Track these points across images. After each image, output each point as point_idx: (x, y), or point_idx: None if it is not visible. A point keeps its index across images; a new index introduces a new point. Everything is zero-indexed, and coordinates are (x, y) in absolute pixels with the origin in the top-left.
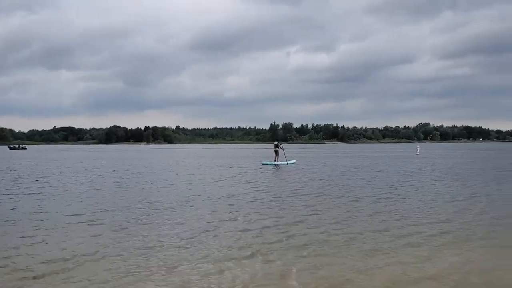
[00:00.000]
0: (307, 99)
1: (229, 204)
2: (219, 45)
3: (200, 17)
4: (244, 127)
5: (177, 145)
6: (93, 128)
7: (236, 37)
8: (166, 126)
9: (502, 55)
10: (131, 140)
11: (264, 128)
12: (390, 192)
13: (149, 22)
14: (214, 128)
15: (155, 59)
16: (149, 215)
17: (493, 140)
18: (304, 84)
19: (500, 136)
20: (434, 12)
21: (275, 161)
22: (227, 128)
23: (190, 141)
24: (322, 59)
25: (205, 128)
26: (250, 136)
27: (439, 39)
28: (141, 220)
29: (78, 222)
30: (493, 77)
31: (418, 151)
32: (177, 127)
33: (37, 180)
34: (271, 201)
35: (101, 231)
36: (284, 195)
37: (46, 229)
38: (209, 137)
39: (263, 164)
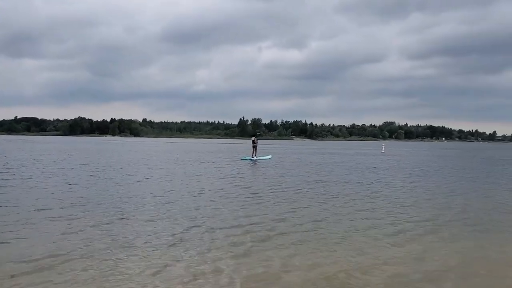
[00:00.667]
0: (277, 95)
1: (211, 200)
2: (190, 37)
3: (170, 8)
4: (213, 121)
5: (143, 138)
6: (57, 119)
7: (207, 30)
8: (132, 119)
9: (466, 57)
10: (96, 132)
11: (233, 123)
12: (367, 189)
13: (117, 12)
14: (182, 122)
15: (122, 50)
16: (127, 210)
17: (455, 140)
18: (274, 80)
19: (462, 135)
20: (403, 13)
21: (252, 156)
22: (195, 122)
23: (157, 135)
24: (294, 56)
25: (173, 122)
26: (219, 131)
27: (407, 40)
28: (120, 216)
29: (53, 218)
30: (456, 78)
31: (383, 149)
32: (144, 120)
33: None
34: (253, 197)
35: (79, 227)
36: (265, 191)
37: (18, 226)
38: (176, 131)
39: (241, 159)
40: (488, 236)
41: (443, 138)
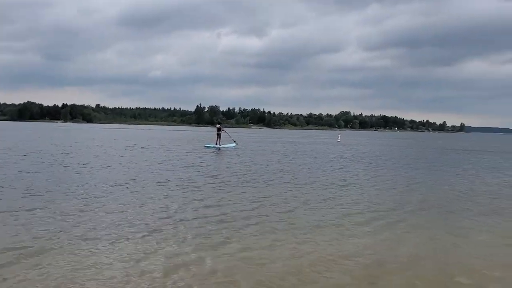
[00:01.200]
0: (236, 82)
1: (179, 189)
2: (148, 22)
3: None
4: (169, 108)
5: (97, 124)
6: (5, 104)
7: (166, 15)
8: (85, 104)
9: (420, 49)
10: (47, 118)
11: (190, 110)
12: (332, 178)
13: None
14: (137, 108)
15: (77, 33)
16: (91, 200)
17: (407, 130)
18: (233, 67)
19: (414, 126)
20: (362, 4)
21: (217, 144)
22: (150, 109)
23: (111, 121)
24: (253, 43)
25: (127, 108)
26: (175, 118)
27: (364, 31)
28: (83, 206)
29: (11, 209)
30: (409, 70)
31: (339, 138)
32: (97, 105)
33: None
34: (221, 186)
35: (38, 220)
36: (233, 180)
37: None
38: (131, 117)
39: (205, 146)
40: (453, 222)
41: (396, 128)
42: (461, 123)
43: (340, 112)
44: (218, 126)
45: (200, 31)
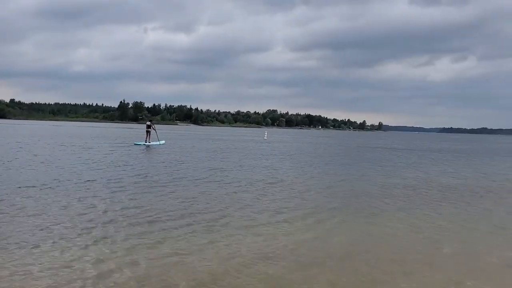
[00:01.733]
0: (162, 78)
1: (108, 189)
2: (70, 14)
3: None
4: (91, 104)
5: (11, 120)
6: None
7: (89, 7)
8: None
9: (343, 51)
10: None
11: (113, 106)
12: (263, 176)
13: None
14: (56, 104)
15: None
16: (8, 204)
17: (330, 128)
18: (160, 63)
19: (336, 124)
20: (289, 5)
21: (146, 142)
22: (70, 104)
23: (27, 117)
24: (181, 39)
25: (45, 103)
26: (97, 114)
27: (291, 32)
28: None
29: None
30: (333, 71)
31: (266, 136)
32: (12, 100)
33: None
34: (153, 185)
35: None
36: (164, 179)
37: None
38: (49, 113)
39: (135, 144)
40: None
41: (320, 126)
42: (380, 122)
43: (267, 110)
44: (148, 123)
45: (126, 25)
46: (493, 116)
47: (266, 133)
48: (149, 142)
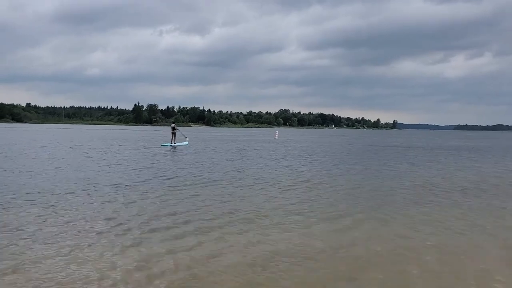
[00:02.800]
0: (176, 80)
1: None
2: (86, 18)
3: None
4: (105, 107)
5: (27, 124)
6: None
7: (105, 11)
8: (15, 103)
9: (357, 49)
10: None
11: (127, 109)
12: (293, 178)
13: None
14: (71, 107)
15: (6, 28)
16: (46, 207)
17: (343, 127)
18: (174, 65)
19: (350, 123)
20: (304, 5)
21: (172, 143)
22: (85, 108)
23: (43, 121)
24: (196, 41)
25: (61, 107)
26: (112, 117)
27: (305, 31)
28: (40, 213)
29: None
30: (346, 69)
31: (277, 135)
32: (28, 104)
33: None
34: (186, 185)
35: None
36: (195, 180)
37: None
38: (65, 117)
39: (161, 145)
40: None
41: (333, 126)
42: (394, 120)
43: (279, 110)
44: (172, 125)
45: (141, 28)
46: (509, 112)
47: (277, 133)
48: (174, 143)
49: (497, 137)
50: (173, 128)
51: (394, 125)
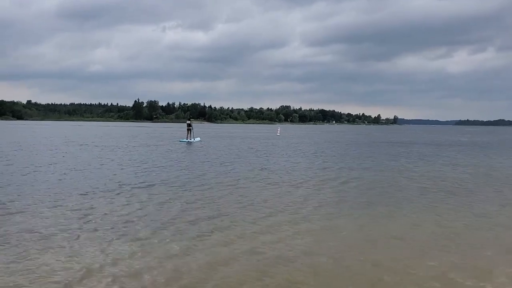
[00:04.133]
0: (179, 77)
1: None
2: (89, 15)
3: None
4: (105, 103)
5: (28, 121)
6: None
7: (108, 7)
8: (15, 101)
9: (360, 45)
10: None
11: (127, 106)
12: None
13: None
14: (71, 104)
15: (11, 25)
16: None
17: (344, 123)
18: (177, 62)
19: (350, 119)
20: (308, 1)
21: (187, 139)
22: (86, 104)
23: (43, 118)
24: (199, 37)
25: (61, 104)
26: (112, 114)
27: (309, 27)
28: (85, 210)
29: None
30: (349, 65)
31: (279, 132)
32: (29, 101)
33: None
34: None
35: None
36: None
37: None
38: (65, 114)
39: (180, 141)
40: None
41: (334, 122)
42: (395, 116)
43: (280, 106)
44: (188, 122)
45: (144, 25)
46: (510, 108)
47: (279, 129)
48: (190, 139)
49: (502, 133)
50: (189, 125)
51: (395, 120)
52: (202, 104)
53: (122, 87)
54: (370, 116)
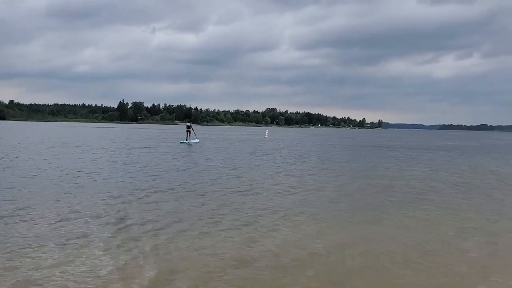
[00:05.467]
0: (167, 78)
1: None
2: (79, 14)
3: None
4: (89, 104)
5: (11, 122)
6: None
7: (98, 7)
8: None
9: (349, 49)
10: None
11: (112, 106)
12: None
13: None
14: (55, 104)
15: None
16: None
17: (329, 126)
18: (166, 63)
19: (336, 122)
20: (300, 4)
21: (187, 140)
22: (69, 105)
23: (26, 118)
24: (189, 39)
25: (44, 104)
26: (96, 115)
27: (299, 30)
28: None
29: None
30: (337, 69)
31: (267, 134)
32: (11, 101)
33: None
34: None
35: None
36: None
37: None
38: (48, 114)
39: (180, 142)
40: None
41: (319, 125)
42: (379, 119)
43: (267, 109)
44: (188, 124)
45: (135, 25)
46: (493, 112)
47: (267, 132)
48: (189, 141)
49: (486, 137)
50: (188, 127)
51: (380, 124)
52: (188, 106)
53: (109, 88)
54: (355, 120)
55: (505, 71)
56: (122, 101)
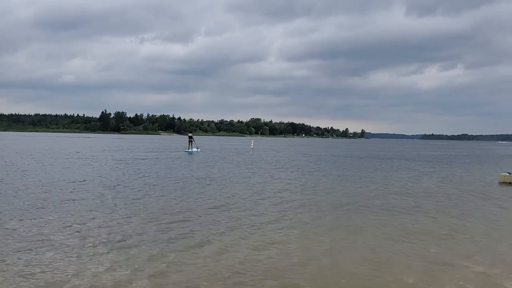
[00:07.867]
0: (153, 88)
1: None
2: (68, 25)
3: None
4: (71, 114)
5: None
6: None
7: (87, 18)
8: None
9: (336, 60)
10: None
11: (94, 117)
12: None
13: None
14: (36, 115)
15: None
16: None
17: (313, 136)
18: (153, 74)
19: (319, 132)
20: (290, 17)
21: (189, 149)
22: (51, 115)
23: (6, 128)
24: (177, 50)
25: (25, 114)
26: (78, 125)
27: (288, 42)
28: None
29: None
30: (323, 80)
31: (252, 144)
32: None
33: None
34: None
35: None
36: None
37: None
38: (29, 124)
39: (185, 151)
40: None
41: (303, 135)
42: (362, 130)
43: (251, 119)
44: (189, 134)
45: (124, 36)
46: (474, 122)
47: (252, 142)
48: (191, 149)
49: (467, 147)
50: (190, 137)
51: (362, 134)
52: (171, 116)
53: (93, 98)
54: (338, 130)
55: (487, 82)
56: (104, 111)
